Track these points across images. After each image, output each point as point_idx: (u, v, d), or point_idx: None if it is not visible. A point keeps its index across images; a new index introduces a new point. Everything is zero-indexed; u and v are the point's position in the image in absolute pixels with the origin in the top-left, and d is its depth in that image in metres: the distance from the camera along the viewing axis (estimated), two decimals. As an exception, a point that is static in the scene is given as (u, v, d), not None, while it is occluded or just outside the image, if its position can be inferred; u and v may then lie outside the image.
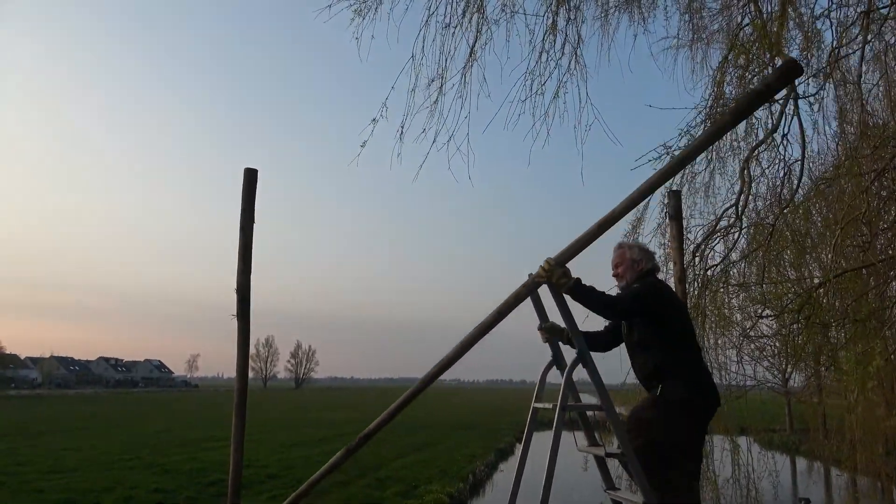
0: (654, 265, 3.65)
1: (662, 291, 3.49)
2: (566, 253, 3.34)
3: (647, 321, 3.36)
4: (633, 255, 3.64)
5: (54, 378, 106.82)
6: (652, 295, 3.40)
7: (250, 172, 3.91)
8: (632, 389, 5.40)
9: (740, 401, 7.07)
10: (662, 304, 3.38)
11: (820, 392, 15.59)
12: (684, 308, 3.60)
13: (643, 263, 3.61)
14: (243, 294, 3.78)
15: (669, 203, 4.21)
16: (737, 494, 6.17)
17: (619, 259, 3.67)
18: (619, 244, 3.78)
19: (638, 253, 3.67)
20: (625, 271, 3.62)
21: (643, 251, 3.71)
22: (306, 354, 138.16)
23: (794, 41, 6.10)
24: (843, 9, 6.03)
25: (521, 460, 3.51)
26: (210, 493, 12.69)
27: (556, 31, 5.97)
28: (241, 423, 3.52)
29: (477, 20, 5.86)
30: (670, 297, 3.49)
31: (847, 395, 8.83)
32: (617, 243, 3.79)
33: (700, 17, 7.10)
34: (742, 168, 6.26)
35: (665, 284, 3.63)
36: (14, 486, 12.58)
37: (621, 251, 3.69)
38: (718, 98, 6.01)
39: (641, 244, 3.83)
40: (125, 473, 14.67)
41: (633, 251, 3.67)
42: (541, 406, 3.40)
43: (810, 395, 16.60)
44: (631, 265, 3.61)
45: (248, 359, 3.77)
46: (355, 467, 16.93)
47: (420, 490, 14.07)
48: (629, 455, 3.11)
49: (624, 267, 3.63)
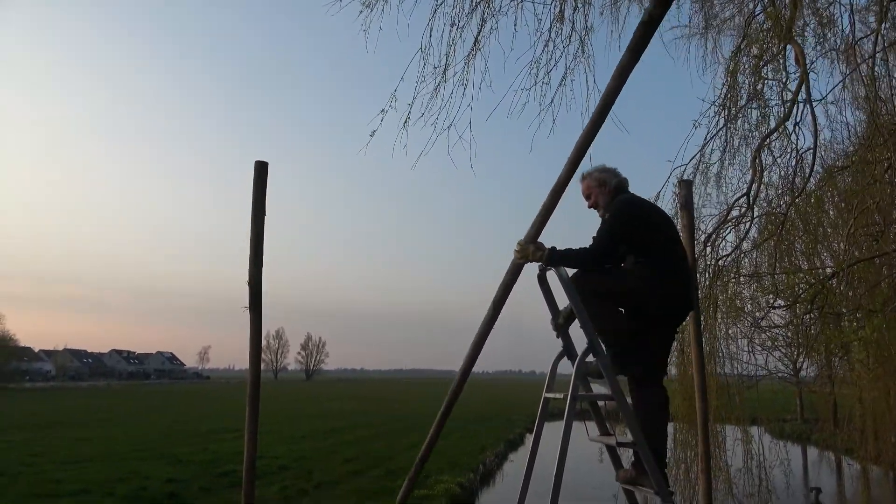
0: (620, 180, 3.60)
1: (631, 211, 3.43)
2: (532, 229, 3.58)
3: (629, 245, 3.37)
4: (598, 179, 3.62)
5: (68, 370, 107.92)
6: (621, 221, 3.38)
7: (261, 165, 3.93)
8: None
9: (751, 391, 7.04)
10: (634, 225, 3.35)
11: (831, 382, 15.54)
12: (658, 217, 3.49)
13: (610, 183, 3.59)
14: (255, 285, 3.80)
15: (680, 193, 4.18)
16: (748, 484, 6.16)
17: (586, 190, 3.67)
18: (581, 175, 3.73)
19: (601, 175, 3.64)
20: (596, 197, 3.62)
21: (605, 171, 3.66)
22: (316, 346, 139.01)
23: (808, 27, 6.03)
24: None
25: (533, 450, 3.52)
26: (223, 484, 12.81)
27: (564, 19, 5.93)
28: (254, 413, 3.55)
29: (482, 10, 5.83)
30: (640, 214, 3.43)
31: (858, 385, 8.82)
32: (579, 176, 3.74)
33: (711, 6, 7.04)
34: (754, 157, 6.20)
35: (632, 200, 3.51)
36: (30, 476, 12.76)
37: (586, 182, 3.68)
38: (732, 87, 5.96)
39: (601, 166, 3.70)
40: (139, 464, 14.83)
41: (595, 176, 3.64)
42: (552, 396, 3.41)
43: (822, 385, 16.55)
44: (600, 190, 3.61)
45: (261, 349, 3.79)
46: (367, 458, 17.06)
47: (430, 480, 14.14)
48: (640, 444, 3.11)
49: (594, 194, 3.63)
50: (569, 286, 3.22)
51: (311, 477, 14.03)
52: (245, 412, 3.65)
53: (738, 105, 6.02)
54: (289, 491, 12.41)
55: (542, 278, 3.52)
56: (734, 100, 6.01)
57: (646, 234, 3.36)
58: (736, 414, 6.24)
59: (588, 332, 3.22)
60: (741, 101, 6.04)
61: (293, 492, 12.40)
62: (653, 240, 3.36)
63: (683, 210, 4.13)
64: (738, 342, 6.44)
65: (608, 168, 3.70)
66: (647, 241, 3.35)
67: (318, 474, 14.40)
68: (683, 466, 5.81)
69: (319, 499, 11.98)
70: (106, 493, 11.26)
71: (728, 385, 6.41)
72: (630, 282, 3.31)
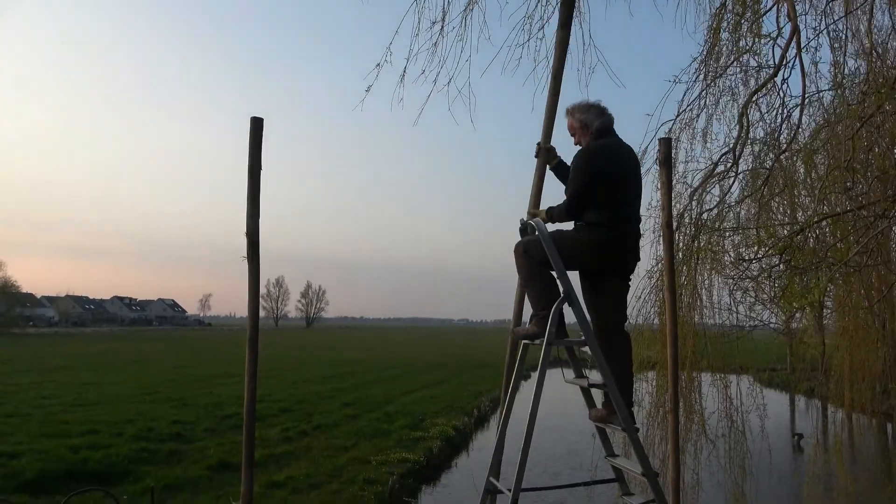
0: (604, 120, 3.70)
1: (590, 162, 3.57)
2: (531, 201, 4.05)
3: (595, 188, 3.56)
4: (580, 120, 3.72)
5: (70, 317, 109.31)
6: (583, 172, 3.56)
7: (256, 121, 4.06)
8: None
9: (743, 341, 7.26)
10: (591, 173, 3.53)
11: (822, 332, 15.92)
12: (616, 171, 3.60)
13: (592, 125, 3.69)
14: (253, 238, 3.98)
15: (660, 150, 4.31)
16: (722, 426, 6.51)
17: (570, 127, 3.81)
18: (567, 109, 3.83)
19: (583, 116, 3.72)
20: (580, 138, 3.76)
21: (588, 111, 3.73)
22: (316, 294, 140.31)
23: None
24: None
25: (511, 394, 3.81)
26: (227, 426, 13.33)
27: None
28: (253, 356, 3.79)
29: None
30: (599, 169, 3.55)
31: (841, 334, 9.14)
32: (566, 108, 3.84)
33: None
34: (741, 113, 6.30)
35: (595, 152, 3.61)
36: (41, 417, 13.26)
37: (569, 119, 3.81)
38: (714, 46, 6.02)
39: (584, 104, 3.76)
40: (145, 407, 15.36)
41: (577, 117, 3.74)
42: (529, 343, 3.67)
43: (810, 336, 16.95)
44: (582, 132, 3.73)
45: (259, 298, 4.00)
46: (366, 403, 17.62)
47: (426, 423, 14.68)
48: (609, 386, 3.38)
49: (577, 134, 3.77)
50: (547, 242, 3.45)
51: (310, 419, 14.57)
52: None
53: (719, 63, 6.09)
54: (290, 432, 12.95)
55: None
56: (717, 57, 6.08)
57: (598, 188, 3.52)
58: (710, 361, 6.52)
59: (564, 284, 3.46)
60: (725, 59, 6.11)
61: (294, 433, 12.94)
62: (604, 190, 3.52)
63: (662, 167, 4.27)
64: (719, 293, 6.69)
65: (592, 105, 3.76)
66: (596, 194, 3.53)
67: (318, 417, 14.95)
68: (661, 410, 6.14)
69: (319, 439, 12.49)
70: (114, 434, 11.75)
71: (706, 334, 6.68)
72: (565, 245, 3.50)
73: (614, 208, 3.54)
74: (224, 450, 10.92)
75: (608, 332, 3.60)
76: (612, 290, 3.66)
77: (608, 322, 3.64)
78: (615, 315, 3.69)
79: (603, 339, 3.52)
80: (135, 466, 9.80)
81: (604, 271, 3.62)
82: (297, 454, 11.33)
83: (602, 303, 3.65)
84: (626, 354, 3.66)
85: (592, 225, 3.54)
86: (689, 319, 6.35)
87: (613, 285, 3.66)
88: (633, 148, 4.05)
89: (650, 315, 6.46)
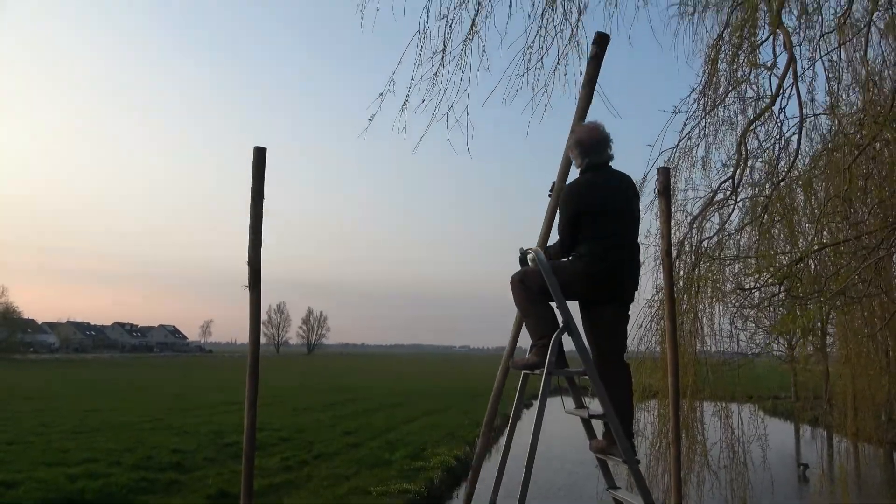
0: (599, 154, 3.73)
1: (574, 199, 3.65)
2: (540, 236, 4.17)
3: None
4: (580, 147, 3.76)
5: (71, 343, 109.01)
6: (569, 209, 3.65)
7: (259, 151, 4.12)
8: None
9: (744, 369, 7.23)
10: (576, 210, 3.60)
11: (825, 360, 15.82)
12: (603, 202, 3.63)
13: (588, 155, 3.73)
14: (255, 266, 4.02)
15: (658, 179, 4.35)
16: (724, 456, 6.46)
17: (570, 151, 3.89)
18: (572, 130, 3.91)
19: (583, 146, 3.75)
20: (577, 161, 3.83)
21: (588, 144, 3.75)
22: (318, 321, 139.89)
23: (792, 13, 6.17)
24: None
25: (512, 424, 3.80)
26: (227, 454, 13.19)
27: (556, 5, 6.06)
28: (254, 385, 3.79)
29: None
30: (583, 199, 3.62)
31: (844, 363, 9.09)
32: (571, 128, 3.92)
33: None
34: (739, 142, 6.37)
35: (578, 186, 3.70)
36: (41, 445, 13.16)
37: (570, 140, 3.89)
38: (712, 77, 6.11)
39: (588, 129, 3.82)
40: (145, 434, 15.23)
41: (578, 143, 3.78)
42: (529, 372, 3.67)
43: (815, 364, 16.84)
44: (580, 155, 3.77)
45: (260, 327, 4.03)
46: (367, 431, 17.47)
47: (428, 452, 14.53)
48: (609, 416, 3.38)
49: (576, 159, 3.83)
50: (547, 271, 3.48)
51: (311, 448, 14.43)
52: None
53: (717, 93, 6.18)
54: (290, 461, 12.81)
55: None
56: (715, 87, 6.17)
57: (587, 220, 3.58)
58: (711, 390, 6.49)
59: (563, 313, 3.47)
60: (724, 89, 6.20)
61: (294, 462, 12.80)
62: (591, 223, 3.58)
63: (661, 196, 4.31)
64: (720, 321, 6.68)
65: (593, 131, 3.78)
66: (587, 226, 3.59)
67: (319, 446, 14.80)
68: (664, 440, 6.09)
69: (319, 468, 12.37)
70: (113, 462, 11.64)
71: (708, 363, 6.66)
72: (562, 276, 3.53)
73: (604, 239, 3.57)
74: (223, 479, 10.81)
75: (607, 361, 3.60)
76: (610, 318, 3.67)
77: (607, 351, 3.65)
78: (614, 344, 3.70)
79: (602, 369, 3.52)
80: (133, 496, 9.69)
81: (601, 300, 3.64)
82: (298, 483, 11.21)
83: (600, 332, 3.67)
84: (626, 384, 3.65)
85: (584, 256, 3.59)
86: (690, 348, 6.35)
87: (612, 314, 3.67)
88: (633, 176, 4.10)
89: (651, 343, 6.46)
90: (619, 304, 3.70)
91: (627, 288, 3.71)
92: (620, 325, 3.74)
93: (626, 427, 3.54)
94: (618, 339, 3.72)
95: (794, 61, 6.27)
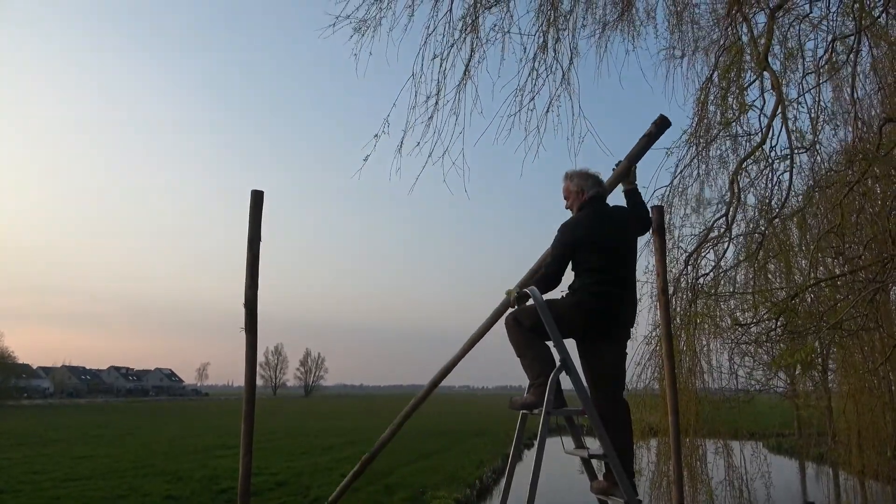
0: (596, 192, 3.82)
1: (569, 233, 3.69)
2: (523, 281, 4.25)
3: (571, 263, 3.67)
4: (576, 185, 3.85)
5: (66, 387, 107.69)
6: (559, 243, 3.69)
7: (256, 194, 4.17)
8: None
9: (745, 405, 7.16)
10: (569, 244, 3.64)
11: (828, 396, 15.65)
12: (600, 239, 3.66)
13: (585, 192, 3.81)
14: (251, 307, 4.03)
15: (654, 218, 4.41)
16: (729, 496, 6.35)
17: (566, 191, 3.93)
18: (567, 174, 3.96)
19: (579, 182, 3.85)
20: (572, 202, 3.88)
21: (586, 179, 3.86)
22: (315, 362, 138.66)
23: (777, 57, 6.31)
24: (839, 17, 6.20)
25: (511, 464, 3.75)
26: (222, 500, 12.94)
27: (547, 49, 6.22)
28: (249, 429, 3.76)
29: (471, 41, 6.11)
30: (573, 234, 3.66)
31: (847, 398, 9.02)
32: (566, 173, 3.97)
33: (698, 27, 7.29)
34: (731, 180, 6.45)
35: (575, 224, 3.74)
36: (31, 493, 12.89)
37: (566, 184, 3.93)
38: (703, 118, 6.23)
39: (584, 171, 3.91)
40: (139, 481, 14.94)
41: (574, 181, 3.87)
42: (528, 413, 3.64)
43: (817, 400, 16.65)
44: (576, 195, 3.84)
45: (257, 369, 4.02)
46: (365, 473, 17.15)
47: (427, 496, 14.26)
48: (609, 456, 3.34)
49: (571, 198, 3.88)
50: (542, 308, 3.48)
51: (308, 493, 14.15)
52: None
53: (709, 133, 6.28)
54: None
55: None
56: (706, 128, 6.28)
57: (581, 256, 3.62)
58: (710, 427, 6.43)
59: (560, 351, 3.46)
60: (716, 130, 6.30)
61: (290, 508, 12.55)
62: (585, 261, 3.61)
63: (655, 234, 4.37)
64: (718, 358, 6.66)
65: (590, 175, 3.89)
66: (580, 262, 3.62)
67: (316, 490, 14.51)
68: (665, 480, 6.00)
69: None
70: (106, 510, 11.40)
71: (707, 398, 6.61)
72: (555, 310, 3.53)
73: (597, 273, 3.59)
74: (218, 526, 10.58)
75: (605, 398, 3.58)
76: (605, 354, 3.65)
77: (604, 388, 3.62)
78: (612, 381, 3.67)
79: (600, 406, 3.49)
80: (125, 545, 9.47)
81: (596, 336, 3.62)
82: (294, 530, 10.96)
83: (598, 369, 3.64)
84: (625, 422, 3.62)
85: (576, 291, 3.61)
86: (689, 385, 6.31)
87: (607, 349, 3.66)
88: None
89: (650, 381, 6.42)
90: (615, 340, 3.69)
91: (623, 323, 3.70)
92: (617, 361, 3.72)
93: (627, 465, 3.50)
94: (615, 375, 3.70)
95: (783, 101, 6.40)
